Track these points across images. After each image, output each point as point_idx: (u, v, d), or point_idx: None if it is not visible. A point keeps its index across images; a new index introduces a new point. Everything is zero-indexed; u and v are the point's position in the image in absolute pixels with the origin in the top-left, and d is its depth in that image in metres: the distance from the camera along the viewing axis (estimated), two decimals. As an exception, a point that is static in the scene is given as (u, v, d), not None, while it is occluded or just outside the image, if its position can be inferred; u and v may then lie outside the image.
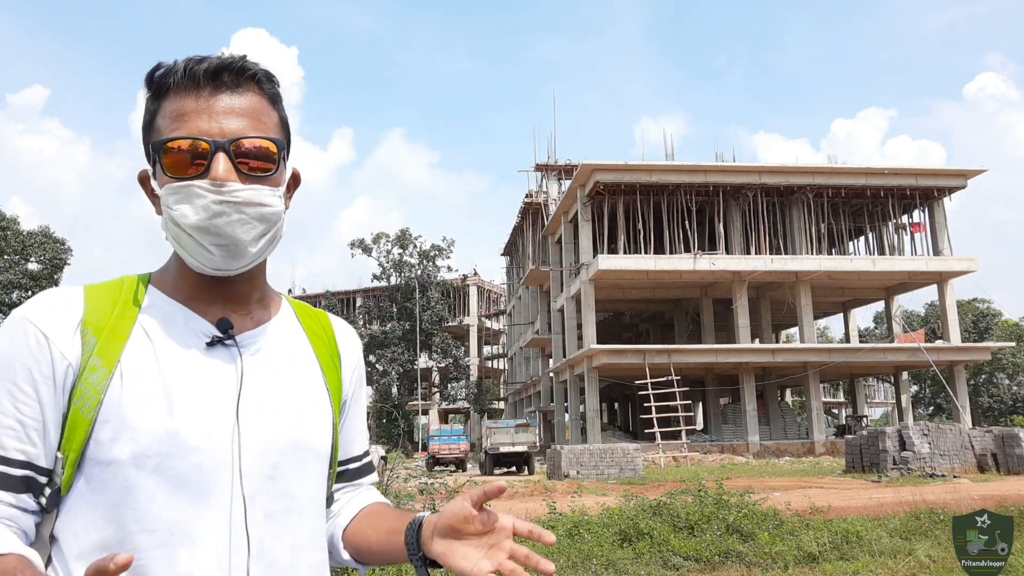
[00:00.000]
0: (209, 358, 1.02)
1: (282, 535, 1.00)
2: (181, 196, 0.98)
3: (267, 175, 1.02)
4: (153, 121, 1.03)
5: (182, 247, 1.01)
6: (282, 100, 1.11)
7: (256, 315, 1.10)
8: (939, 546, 7.88)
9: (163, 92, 1.02)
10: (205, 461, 0.96)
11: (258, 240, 1.02)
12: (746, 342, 34.83)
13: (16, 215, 37.43)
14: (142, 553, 0.92)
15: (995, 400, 56.96)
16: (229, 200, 0.98)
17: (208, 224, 0.98)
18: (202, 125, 0.99)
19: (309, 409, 1.08)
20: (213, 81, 1.01)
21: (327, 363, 1.14)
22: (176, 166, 0.99)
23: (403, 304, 53.33)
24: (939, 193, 36.82)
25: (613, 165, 34.78)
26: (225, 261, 1.01)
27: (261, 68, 1.06)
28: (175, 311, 1.04)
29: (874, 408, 75.58)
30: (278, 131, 1.07)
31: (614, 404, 56.67)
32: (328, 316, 1.22)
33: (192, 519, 0.94)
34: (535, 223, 48.74)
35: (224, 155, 0.99)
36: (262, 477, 0.99)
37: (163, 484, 0.94)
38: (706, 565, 7.51)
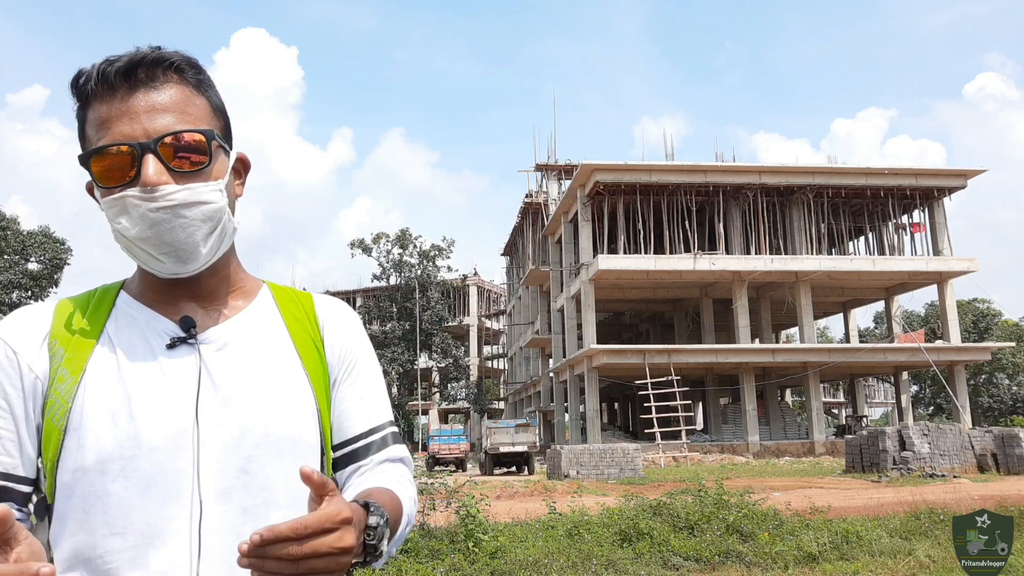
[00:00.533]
0: (170, 358, 1.00)
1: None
2: (118, 208, 0.96)
3: (201, 168, 0.99)
4: (84, 132, 1.00)
5: (134, 256, 1.00)
6: (211, 84, 1.06)
7: (225, 309, 1.07)
8: (939, 546, 7.88)
9: (85, 100, 1.00)
10: (169, 461, 0.95)
11: (206, 240, 0.99)
12: (746, 342, 34.82)
13: (16, 215, 37.43)
14: (114, 555, 0.92)
15: (995, 400, 56.94)
16: (164, 206, 0.95)
17: (149, 234, 0.96)
18: (124, 129, 0.96)
19: (284, 398, 1.04)
20: (127, 80, 0.97)
21: (306, 348, 1.10)
22: (106, 176, 0.97)
23: (403, 304, 53.34)
24: (939, 193, 36.81)
25: (613, 165, 34.77)
26: (177, 266, 0.99)
27: (179, 56, 1.01)
28: (138, 314, 1.03)
29: (874, 408, 75.57)
30: (209, 119, 1.02)
31: (614, 404, 56.66)
32: (313, 297, 1.18)
33: (162, 520, 0.93)
34: (535, 223, 48.74)
35: (152, 156, 0.95)
36: (235, 471, 0.97)
37: (130, 487, 0.93)
38: (706, 565, 7.51)
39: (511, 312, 61.00)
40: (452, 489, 8.60)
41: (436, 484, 8.49)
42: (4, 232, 35.96)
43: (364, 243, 53.59)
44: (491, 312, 71.27)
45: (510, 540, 8.09)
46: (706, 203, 36.22)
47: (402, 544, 1.06)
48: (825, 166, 37.23)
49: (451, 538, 7.78)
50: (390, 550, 0.98)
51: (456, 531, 7.86)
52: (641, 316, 48.10)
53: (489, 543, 7.50)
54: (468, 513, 7.84)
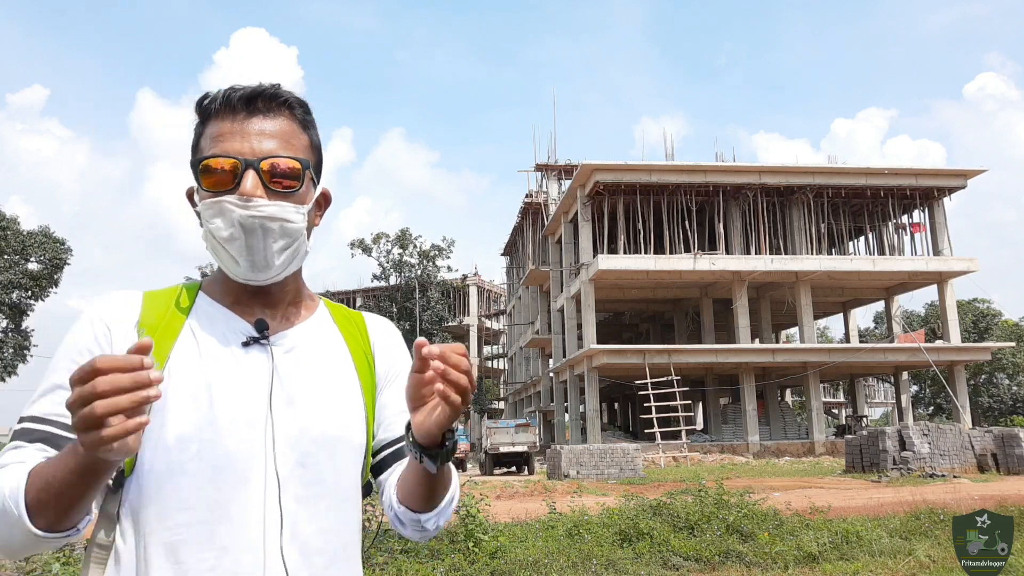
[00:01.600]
0: (246, 355, 1.13)
1: (312, 519, 1.10)
2: (215, 210, 1.10)
3: (292, 192, 1.13)
4: (197, 143, 1.15)
5: (217, 257, 1.14)
6: (315, 126, 1.21)
7: (291, 316, 1.21)
8: (939, 546, 7.88)
9: (206, 117, 1.15)
10: (240, 448, 1.07)
11: (280, 253, 1.13)
12: (746, 342, 34.83)
13: (16, 215, 37.40)
14: (182, 529, 1.03)
15: (995, 400, 56.94)
16: (254, 214, 1.09)
17: (237, 236, 1.10)
18: (235, 145, 1.11)
19: (341, 403, 1.17)
20: (248, 106, 1.13)
21: (360, 360, 1.24)
22: (211, 182, 1.11)
23: (403, 304, 53.35)
24: (939, 193, 36.82)
25: (613, 165, 34.78)
26: (251, 271, 1.13)
27: (293, 96, 1.17)
28: (218, 313, 1.17)
29: (874, 408, 75.58)
30: (307, 153, 1.17)
31: (614, 404, 56.66)
32: (363, 315, 1.33)
33: (229, 500, 1.05)
34: (535, 223, 48.74)
35: (253, 172, 1.10)
36: (292, 464, 1.09)
37: (203, 467, 1.05)
38: (706, 565, 7.51)
39: (511, 312, 61.00)
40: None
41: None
42: (4, 232, 35.95)
43: (364, 243, 53.62)
44: (491, 312, 71.27)
45: (510, 540, 8.09)
46: (706, 203, 36.22)
47: (444, 522, 1.20)
48: (825, 166, 37.22)
49: (451, 538, 7.78)
50: (439, 520, 1.17)
51: (456, 531, 7.86)
52: (641, 316, 48.10)
53: (489, 543, 7.50)
54: (468, 513, 7.84)
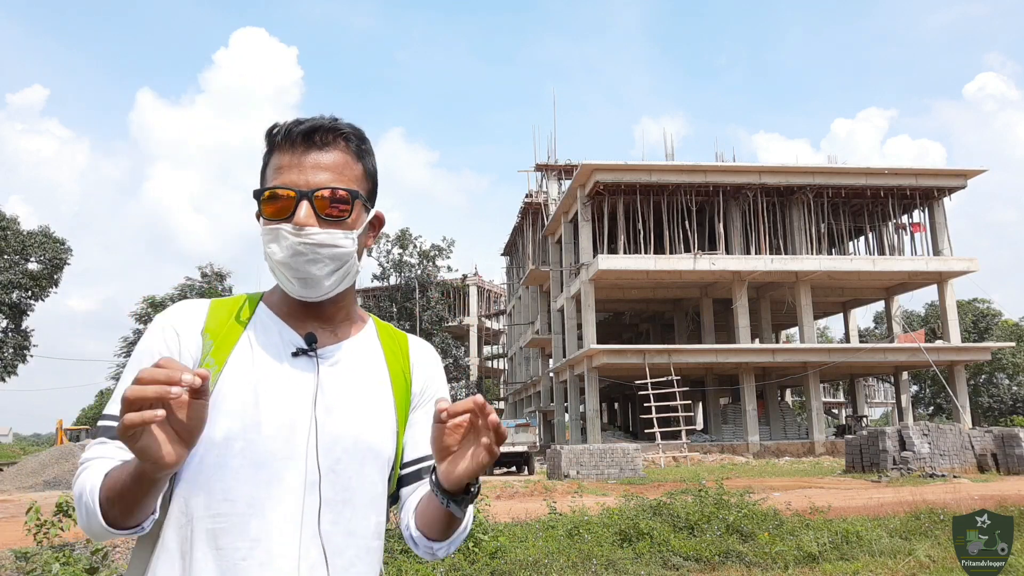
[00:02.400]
0: (293, 365, 1.24)
1: (339, 521, 1.19)
2: (271, 237, 1.21)
3: (341, 219, 1.23)
4: (264, 171, 1.27)
5: (275, 276, 1.25)
6: (371, 153, 1.31)
7: (340, 332, 1.31)
8: (939, 546, 7.88)
9: (272, 147, 1.26)
10: (281, 449, 1.17)
11: (330, 275, 1.23)
12: (746, 342, 34.82)
13: (16, 215, 37.40)
14: (222, 518, 1.14)
15: (995, 400, 56.94)
16: (306, 242, 1.20)
17: (289, 261, 1.21)
18: (292, 177, 1.21)
19: (373, 416, 1.27)
20: (306, 140, 1.23)
21: (397, 377, 1.34)
22: (270, 211, 1.22)
23: (403, 304, 53.36)
24: (939, 193, 36.81)
25: (613, 165, 34.77)
26: (304, 291, 1.24)
27: (349, 129, 1.27)
28: (273, 324, 1.28)
29: (874, 408, 75.55)
30: (359, 182, 1.27)
31: (614, 404, 56.66)
32: (407, 337, 1.43)
33: (265, 496, 1.15)
34: (535, 223, 48.73)
35: (307, 203, 1.20)
36: (325, 469, 1.19)
37: (246, 464, 1.15)
38: (706, 565, 7.51)
39: (511, 312, 60.99)
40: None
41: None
42: (4, 232, 35.93)
43: (364, 243, 53.56)
44: (491, 312, 71.25)
45: (510, 540, 8.09)
46: (706, 203, 36.22)
47: (455, 548, 1.31)
48: (825, 166, 37.21)
49: (451, 538, 7.77)
50: (450, 548, 1.27)
51: (456, 531, 7.85)
52: (641, 316, 48.10)
53: (489, 543, 7.50)
54: (468, 513, 7.84)
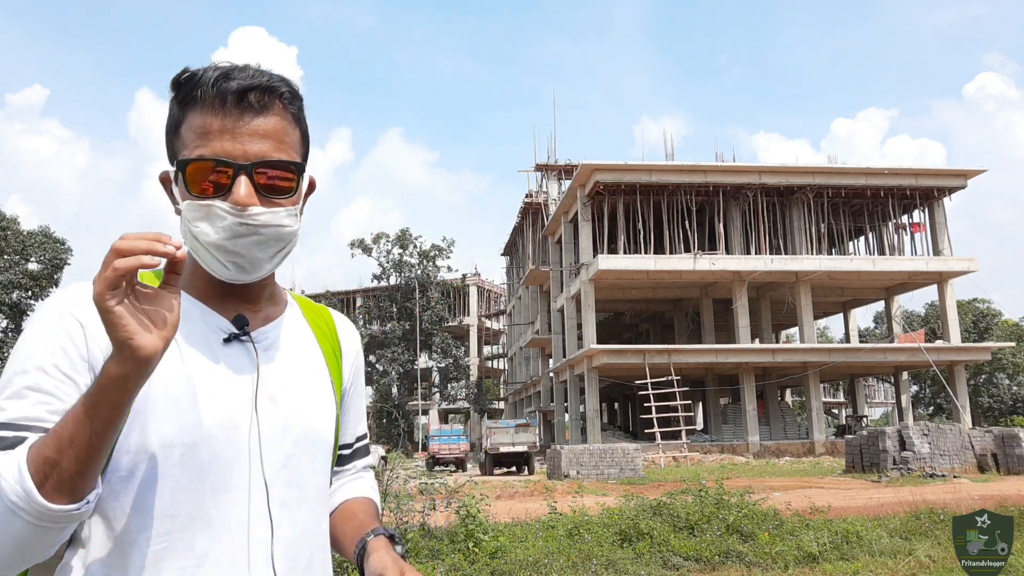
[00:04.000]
0: (227, 353, 1.08)
1: (295, 521, 1.08)
2: (202, 215, 1.02)
3: (285, 196, 1.07)
4: (178, 130, 1.06)
5: (199, 257, 1.06)
6: (304, 114, 1.14)
7: (266, 312, 1.16)
8: (939, 546, 7.88)
9: (190, 102, 1.05)
10: (225, 451, 1.02)
11: (273, 257, 1.08)
12: (746, 342, 34.82)
13: (16, 215, 37.41)
14: (162, 537, 0.98)
15: (995, 400, 56.94)
16: (248, 223, 1.02)
17: (227, 243, 1.03)
18: (226, 146, 1.03)
19: (317, 400, 1.15)
20: (239, 101, 1.04)
21: (330, 356, 1.22)
22: (198, 185, 1.03)
23: (403, 304, 53.36)
24: (939, 193, 36.81)
25: (613, 165, 34.77)
26: (239, 274, 1.07)
27: (287, 87, 1.09)
28: (192, 307, 1.09)
29: (874, 408, 75.56)
30: (299, 148, 1.11)
31: (614, 404, 56.66)
32: (329, 311, 1.29)
33: (211, 507, 1.00)
34: (535, 223, 48.74)
35: (246, 178, 1.03)
36: (277, 466, 1.06)
37: (187, 472, 0.99)
38: (706, 565, 7.51)
39: (511, 312, 60.99)
40: (452, 489, 8.60)
41: (436, 484, 8.48)
42: (4, 232, 35.95)
43: (364, 243, 53.62)
44: (491, 312, 71.25)
45: (510, 540, 8.09)
46: (706, 203, 36.22)
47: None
48: (825, 166, 37.22)
49: (451, 538, 7.77)
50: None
51: (456, 531, 7.85)
52: (641, 316, 48.11)
53: (489, 543, 7.50)
54: (468, 513, 7.84)
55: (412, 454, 41.32)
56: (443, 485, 8.55)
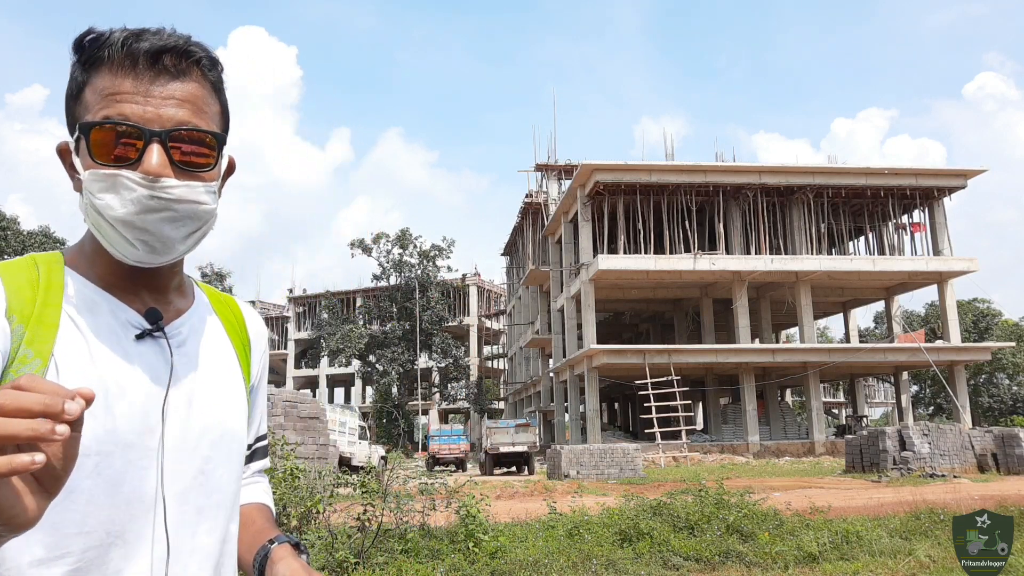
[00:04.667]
0: (139, 351, 0.97)
1: (214, 529, 1.00)
2: (107, 185, 0.92)
3: (203, 170, 0.97)
4: (81, 94, 0.96)
5: (103, 236, 0.96)
6: (224, 85, 1.04)
7: (177, 303, 1.06)
8: (939, 546, 7.88)
9: (95, 64, 0.95)
10: (140, 459, 0.93)
11: (187, 238, 0.98)
12: (746, 342, 34.82)
13: (16, 215, 37.44)
14: (79, 556, 0.89)
15: (995, 400, 56.93)
16: (161, 196, 0.93)
17: (135, 219, 0.92)
18: (137, 110, 0.93)
19: (232, 398, 1.07)
20: (153, 63, 0.94)
21: (240, 350, 1.13)
22: (104, 152, 0.93)
23: (403, 304, 53.36)
24: (939, 193, 36.82)
25: (613, 165, 34.78)
26: (148, 256, 0.96)
27: (206, 52, 0.99)
28: (99, 299, 0.98)
29: (874, 408, 75.57)
30: (218, 121, 1.01)
31: (614, 404, 56.66)
32: (236, 301, 1.20)
33: (127, 519, 0.92)
34: (535, 223, 48.73)
35: (159, 146, 0.93)
36: (194, 472, 0.98)
37: (100, 484, 0.90)
38: (706, 565, 7.51)
39: (511, 312, 61.00)
40: (452, 489, 8.59)
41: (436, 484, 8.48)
42: (4, 232, 35.97)
43: (364, 243, 53.60)
44: (491, 312, 71.25)
45: (510, 540, 8.08)
46: (706, 203, 36.22)
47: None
48: (825, 166, 37.23)
49: (451, 538, 7.77)
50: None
51: (456, 531, 7.86)
52: (641, 316, 48.11)
53: (489, 543, 7.50)
54: (468, 513, 7.84)
55: (412, 454, 41.33)
56: (443, 485, 8.55)
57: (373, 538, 7.12)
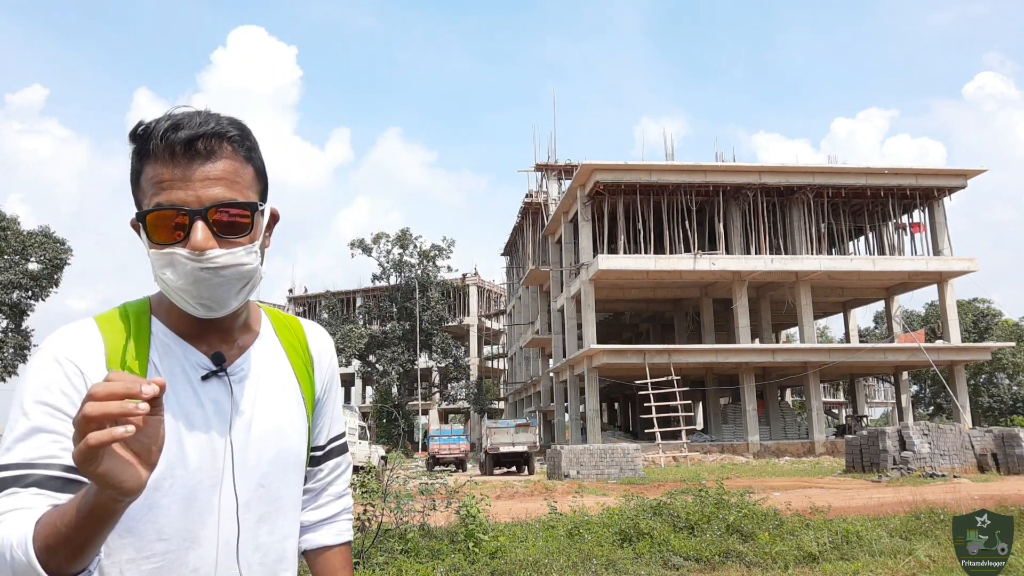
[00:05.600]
0: (205, 389, 1.17)
1: (274, 531, 1.22)
2: (165, 262, 1.10)
3: (242, 235, 1.13)
4: (139, 180, 1.13)
5: (172, 297, 1.14)
6: (257, 149, 1.19)
7: (241, 341, 1.25)
8: (939, 546, 7.88)
9: (144, 155, 1.11)
10: (206, 479, 1.14)
11: (238, 294, 1.15)
12: (746, 342, 34.83)
13: (16, 215, 37.39)
14: (159, 557, 1.11)
15: (995, 400, 56.94)
16: (208, 267, 1.09)
17: (191, 288, 1.10)
18: (179, 194, 1.09)
19: (289, 421, 1.26)
20: (188, 150, 1.09)
21: (302, 372, 1.31)
22: (159, 234, 1.10)
23: (403, 304, 53.35)
24: (939, 193, 36.83)
25: (613, 165, 34.79)
26: (207, 313, 1.15)
27: (235, 129, 1.14)
28: (175, 346, 1.19)
29: (874, 408, 75.60)
30: (253, 185, 1.17)
31: (614, 404, 56.69)
32: (300, 323, 1.37)
33: (198, 527, 1.13)
34: (535, 223, 48.75)
35: (202, 223, 1.09)
36: (254, 486, 1.19)
37: (175, 500, 1.12)
38: (706, 565, 7.51)
39: (511, 312, 61.01)
40: (452, 489, 8.59)
41: (436, 484, 8.48)
42: (4, 232, 35.94)
43: (364, 243, 53.59)
44: (491, 312, 71.28)
45: (510, 540, 8.09)
46: (706, 203, 36.23)
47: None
48: (825, 166, 37.23)
49: (451, 538, 7.78)
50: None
51: (456, 531, 7.86)
52: (641, 316, 48.12)
53: (489, 543, 7.51)
54: (468, 513, 7.85)
55: (412, 454, 41.31)
56: (443, 485, 8.55)
57: (373, 538, 7.13)
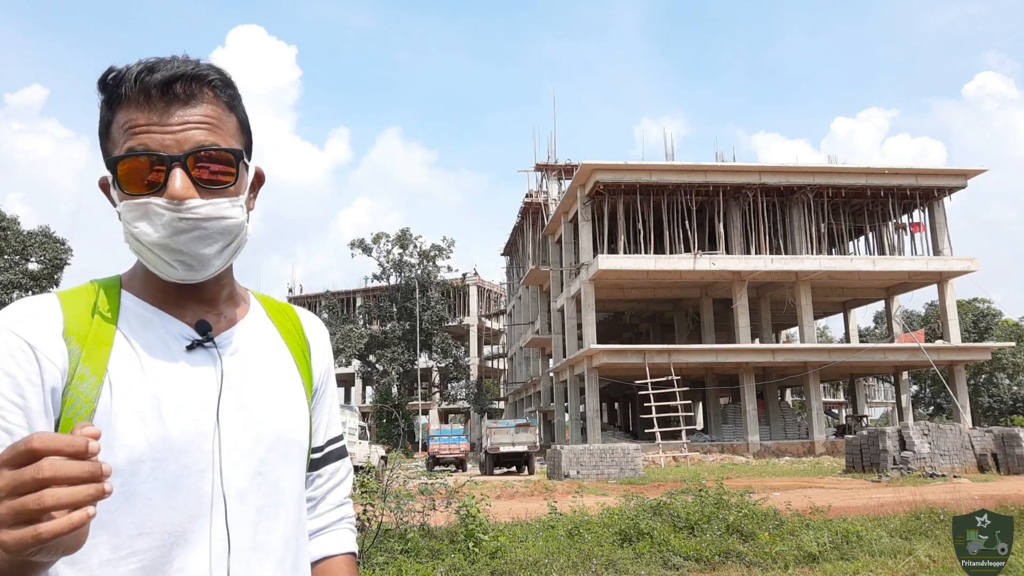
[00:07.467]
0: (190, 361, 1.03)
1: (273, 528, 1.05)
2: (139, 213, 0.98)
3: (226, 186, 1.02)
4: (108, 131, 1.02)
5: (145, 259, 1.02)
6: (240, 101, 1.09)
7: (228, 314, 1.11)
8: (939, 546, 7.88)
9: (116, 101, 1.01)
10: (196, 463, 0.98)
11: (220, 253, 1.03)
12: (746, 342, 34.82)
13: (16, 215, 37.40)
14: (141, 555, 0.95)
15: (995, 400, 56.94)
16: (188, 217, 0.98)
17: (169, 241, 0.98)
18: (156, 139, 0.98)
19: (288, 403, 1.11)
20: (165, 93, 0.99)
21: (299, 356, 1.17)
22: (132, 182, 0.98)
23: (403, 304, 53.35)
24: (939, 193, 36.82)
25: (613, 165, 34.78)
26: (188, 273, 1.02)
27: (216, 73, 1.04)
28: (151, 315, 1.05)
29: (874, 408, 75.57)
30: (237, 136, 1.06)
31: (614, 404, 56.67)
32: (294, 308, 1.24)
33: (186, 520, 0.97)
34: (535, 223, 48.74)
35: (181, 170, 0.98)
36: (251, 474, 1.03)
37: (157, 488, 0.96)
38: (706, 565, 7.51)
39: (511, 312, 61.00)
40: (452, 489, 8.60)
41: (436, 484, 8.49)
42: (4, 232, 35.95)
43: (364, 243, 53.60)
44: (491, 312, 71.26)
45: (510, 540, 8.09)
46: (706, 203, 36.22)
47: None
48: (825, 166, 37.23)
49: (451, 538, 7.78)
50: None
51: (456, 531, 7.86)
52: (641, 316, 48.11)
53: (489, 543, 7.51)
54: (468, 513, 7.85)
55: (412, 454, 41.30)
56: (443, 485, 8.56)
57: (373, 538, 7.13)
